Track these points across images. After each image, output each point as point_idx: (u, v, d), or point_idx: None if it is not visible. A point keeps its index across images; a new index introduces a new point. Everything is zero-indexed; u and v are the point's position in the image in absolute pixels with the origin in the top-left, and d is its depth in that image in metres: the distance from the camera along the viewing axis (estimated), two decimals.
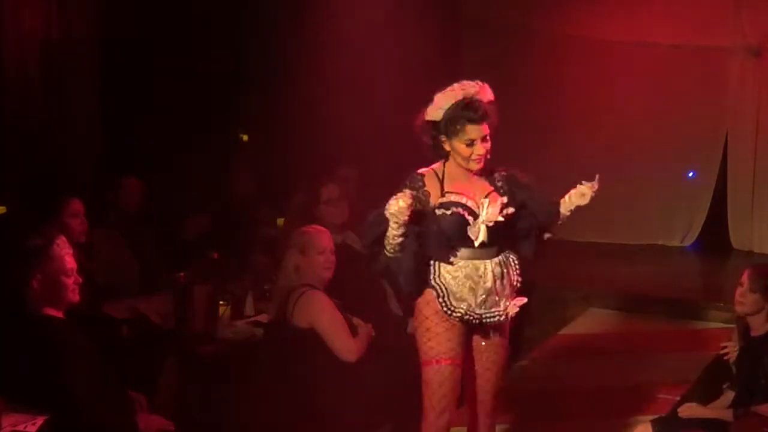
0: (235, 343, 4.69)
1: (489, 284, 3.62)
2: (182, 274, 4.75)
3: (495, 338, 3.78)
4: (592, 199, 3.78)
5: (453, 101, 3.62)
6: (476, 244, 3.57)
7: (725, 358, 4.33)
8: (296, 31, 7.63)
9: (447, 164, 3.70)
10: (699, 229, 9.01)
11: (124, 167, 5.94)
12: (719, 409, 4.11)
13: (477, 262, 3.62)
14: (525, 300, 3.76)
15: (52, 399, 3.40)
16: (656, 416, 4.26)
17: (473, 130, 3.60)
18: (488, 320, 3.67)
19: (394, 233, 3.47)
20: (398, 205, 3.38)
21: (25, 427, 3.29)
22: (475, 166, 3.66)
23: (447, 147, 3.65)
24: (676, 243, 9.08)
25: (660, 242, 9.08)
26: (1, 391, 3.37)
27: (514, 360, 5.83)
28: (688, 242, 9.07)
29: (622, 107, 8.92)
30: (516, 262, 3.76)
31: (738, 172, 8.83)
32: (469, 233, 3.57)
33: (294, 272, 4.41)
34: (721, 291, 7.26)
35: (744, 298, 4.10)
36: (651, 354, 5.93)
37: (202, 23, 7.08)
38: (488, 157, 3.71)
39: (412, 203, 3.42)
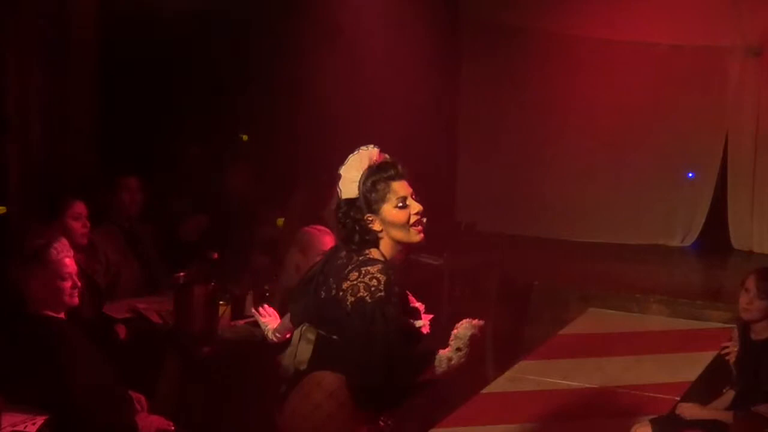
0: (235, 343, 4.68)
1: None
2: (182, 274, 4.75)
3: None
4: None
5: (363, 169, 3.01)
6: None
7: (725, 358, 4.32)
8: (296, 30, 7.62)
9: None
10: (699, 229, 9.03)
11: (124, 167, 5.93)
12: (719, 409, 4.11)
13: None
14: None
15: (52, 399, 3.40)
16: (656, 416, 4.26)
17: (400, 187, 2.99)
18: None
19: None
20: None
21: (25, 427, 3.29)
22: (417, 236, 3.00)
23: (377, 225, 2.98)
24: (676, 243, 9.09)
25: (660, 242, 9.09)
26: (1, 390, 3.37)
27: (514, 360, 5.85)
28: (688, 242, 9.08)
29: (622, 107, 8.93)
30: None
31: (738, 172, 8.83)
32: None
33: (295, 272, 4.41)
34: (721, 291, 7.28)
35: (751, 305, 4.04)
36: (651, 354, 5.93)
37: (203, 23, 7.07)
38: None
39: None
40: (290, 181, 6.86)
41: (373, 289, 2.87)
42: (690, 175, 9.07)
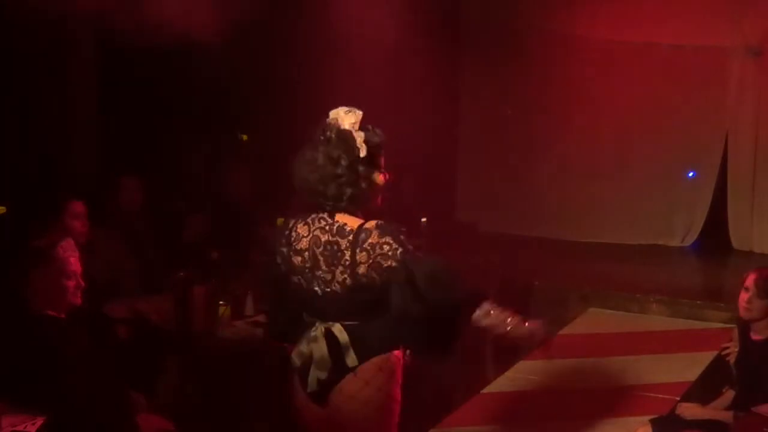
0: (235, 343, 4.69)
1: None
2: (182, 274, 4.75)
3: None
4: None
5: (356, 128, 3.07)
6: None
7: (725, 358, 4.32)
8: (296, 32, 7.62)
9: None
10: (699, 229, 9.03)
11: (124, 167, 5.93)
12: (719, 409, 4.11)
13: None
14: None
15: (52, 399, 3.40)
16: (656, 416, 4.26)
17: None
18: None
19: None
20: None
21: (25, 427, 3.29)
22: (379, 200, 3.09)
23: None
24: (676, 243, 9.10)
25: (660, 242, 9.10)
26: (1, 391, 3.37)
27: (514, 360, 5.85)
28: (688, 242, 9.08)
29: (622, 107, 8.94)
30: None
31: (738, 172, 8.84)
32: None
33: None
34: (721, 291, 7.28)
35: (751, 304, 4.02)
36: (651, 354, 5.93)
37: (204, 22, 7.07)
38: None
39: None
40: (290, 181, 6.85)
41: (390, 253, 2.84)
42: (690, 175, 9.08)
